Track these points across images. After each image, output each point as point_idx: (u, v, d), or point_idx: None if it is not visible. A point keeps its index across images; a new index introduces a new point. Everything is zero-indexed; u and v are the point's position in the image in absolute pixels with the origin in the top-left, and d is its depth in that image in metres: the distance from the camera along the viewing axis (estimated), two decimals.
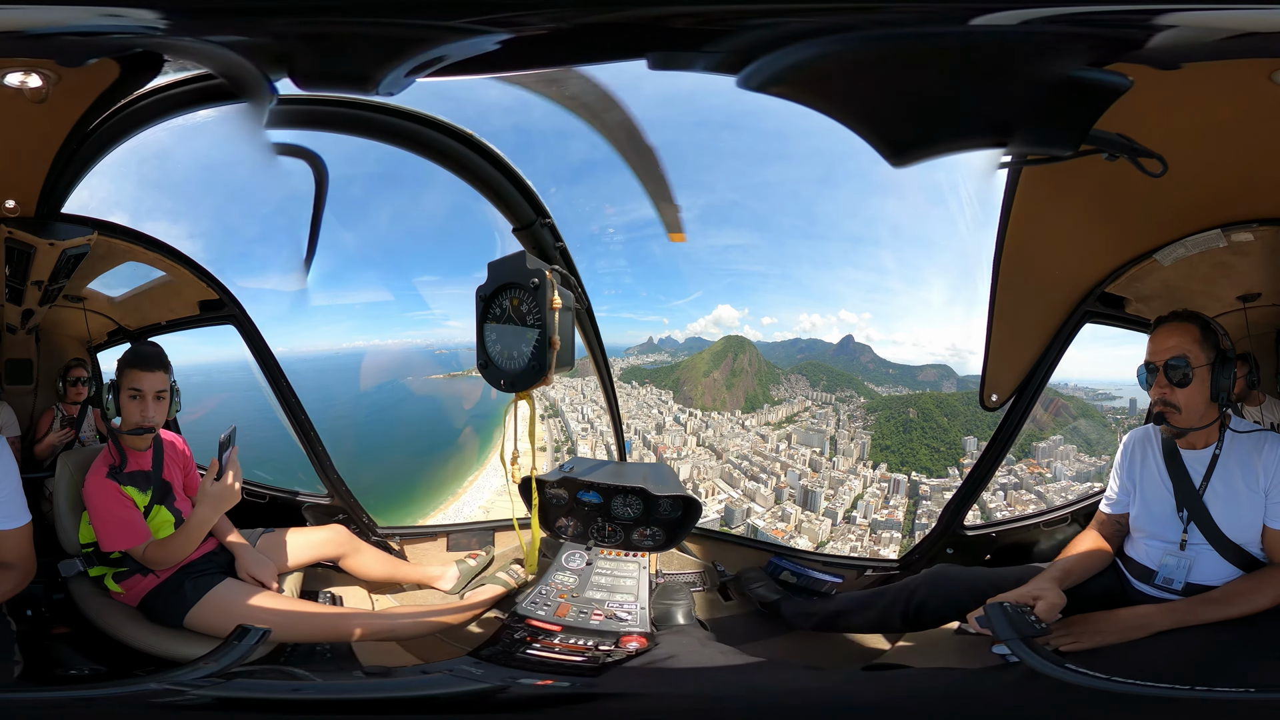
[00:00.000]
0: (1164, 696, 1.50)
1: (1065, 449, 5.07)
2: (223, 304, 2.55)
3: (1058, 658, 1.64)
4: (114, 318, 2.60)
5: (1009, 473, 4.95)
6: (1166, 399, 1.84)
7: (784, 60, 1.42)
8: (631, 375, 7.62)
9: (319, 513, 2.76)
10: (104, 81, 1.69)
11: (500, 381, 1.61)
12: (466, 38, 1.42)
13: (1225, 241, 2.01)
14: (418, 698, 1.72)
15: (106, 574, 2.10)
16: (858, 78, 1.51)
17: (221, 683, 1.63)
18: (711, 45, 1.41)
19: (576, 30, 1.43)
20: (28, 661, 1.79)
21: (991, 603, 1.74)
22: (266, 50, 1.47)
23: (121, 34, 1.45)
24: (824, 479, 6.18)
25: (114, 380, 2.11)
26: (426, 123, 2.18)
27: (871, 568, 2.74)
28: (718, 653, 2.03)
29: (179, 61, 1.69)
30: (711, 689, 1.75)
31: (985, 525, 2.79)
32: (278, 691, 1.69)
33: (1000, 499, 4.83)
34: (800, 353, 6.97)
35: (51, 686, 1.74)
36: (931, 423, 6.01)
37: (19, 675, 1.72)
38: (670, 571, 2.79)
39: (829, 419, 6.64)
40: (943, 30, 1.42)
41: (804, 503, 6.12)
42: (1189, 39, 1.31)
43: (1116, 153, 1.78)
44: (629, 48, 1.48)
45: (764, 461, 6.64)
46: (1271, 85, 1.41)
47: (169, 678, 1.63)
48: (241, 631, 1.79)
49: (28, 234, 2.09)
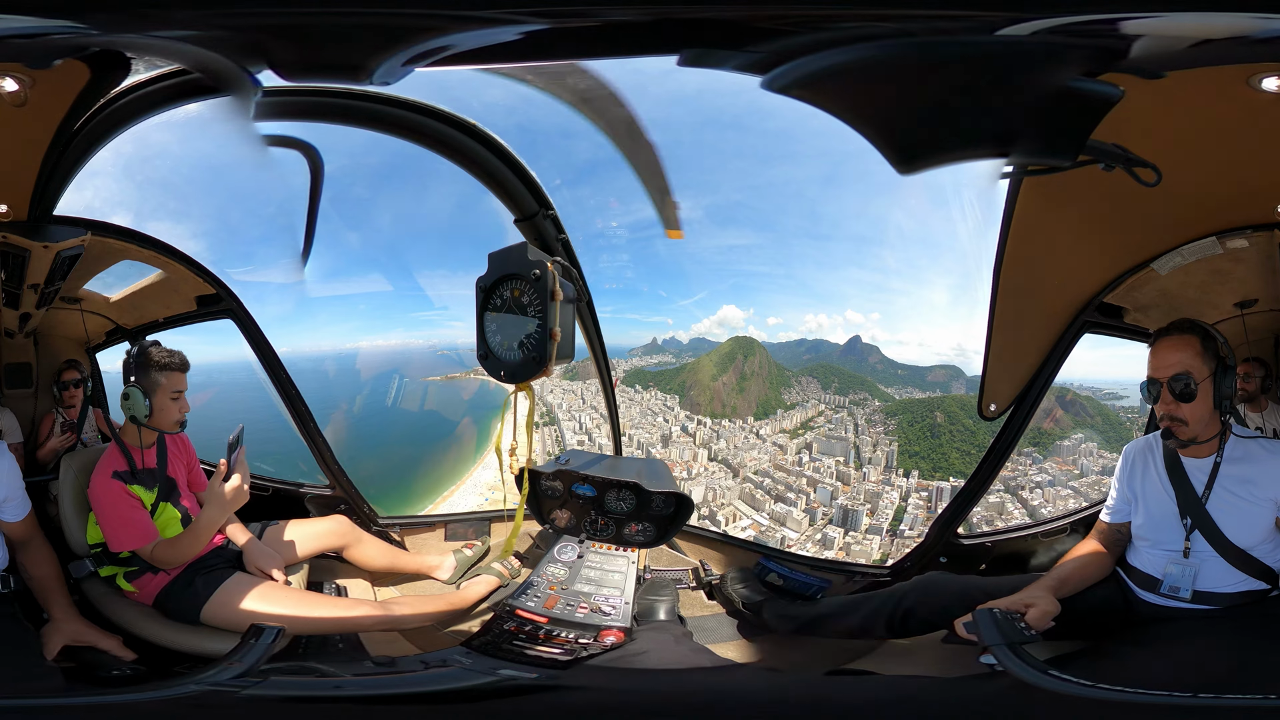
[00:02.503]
0: (1158, 705, 1.49)
1: (1088, 446, 4.97)
2: (219, 298, 2.55)
3: (1044, 665, 1.63)
4: (112, 317, 2.61)
5: (1040, 471, 4.87)
6: (1173, 414, 1.84)
7: (813, 65, 1.44)
8: (635, 378, 7.26)
9: (321, 504, 2.84)
10: (79, 82, 1.70)
11: (500, 372, 1.61)
12: (481, 28, 1.42)
13: (1221, 249, 1.99)
14: (425, 692, 1.77)
15: (118, 573, 2.13)
16: (876, 85, 1.53)
17: (258, 681, 1.67)
18: (754, 46, 1.43)
19: (606, 25, 1.44)
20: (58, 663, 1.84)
21: (981, 609, 1.74)
22: (232, 43, 1.47)
23: (62, 34, 1.45)
24: (858, 492, 5.73)
25: (144, 382, 2.14)
26: (429, 113, 2.16)
27: (861, 573, 2.74)
28: (689, 651, 2.04)
29: (150, 59, 1.68)
30: (673, 687, 1.77)
31: (980, 535, 2.77)
32: (318, 689, 1.76)
33: (1039, 496, 4.77)
34: (807, 353, 6.82)
35: (91, 691, 1.78)
36: (958, 425, 5.81)
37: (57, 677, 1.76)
38: (659, 568, 2.81)
39: (846, 424, 6.32)
40: (957, 41, 1.44)
41: (843, 522, 5.59)
42: (1160, 48, 1.31)
43: (1112, 163, 1.78)
44: (661, 44, 1.50)
45: (788, 478, 6.07)
46: (1250, 90, 1.40)
47: (206, 678, 1.67)
48: (258, 629, 1.84)
49: (21, 238, 2.09)
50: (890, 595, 2.16)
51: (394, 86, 1.69)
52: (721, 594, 2.63)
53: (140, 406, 2.14)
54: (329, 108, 2.06)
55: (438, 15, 1.42)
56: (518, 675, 1.82)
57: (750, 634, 2.43)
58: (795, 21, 1.41)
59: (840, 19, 1.42)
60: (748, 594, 2.52)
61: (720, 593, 2.64)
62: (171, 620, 2.09)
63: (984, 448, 2.66)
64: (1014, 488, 4.85)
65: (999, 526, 2.98)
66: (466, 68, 1.65)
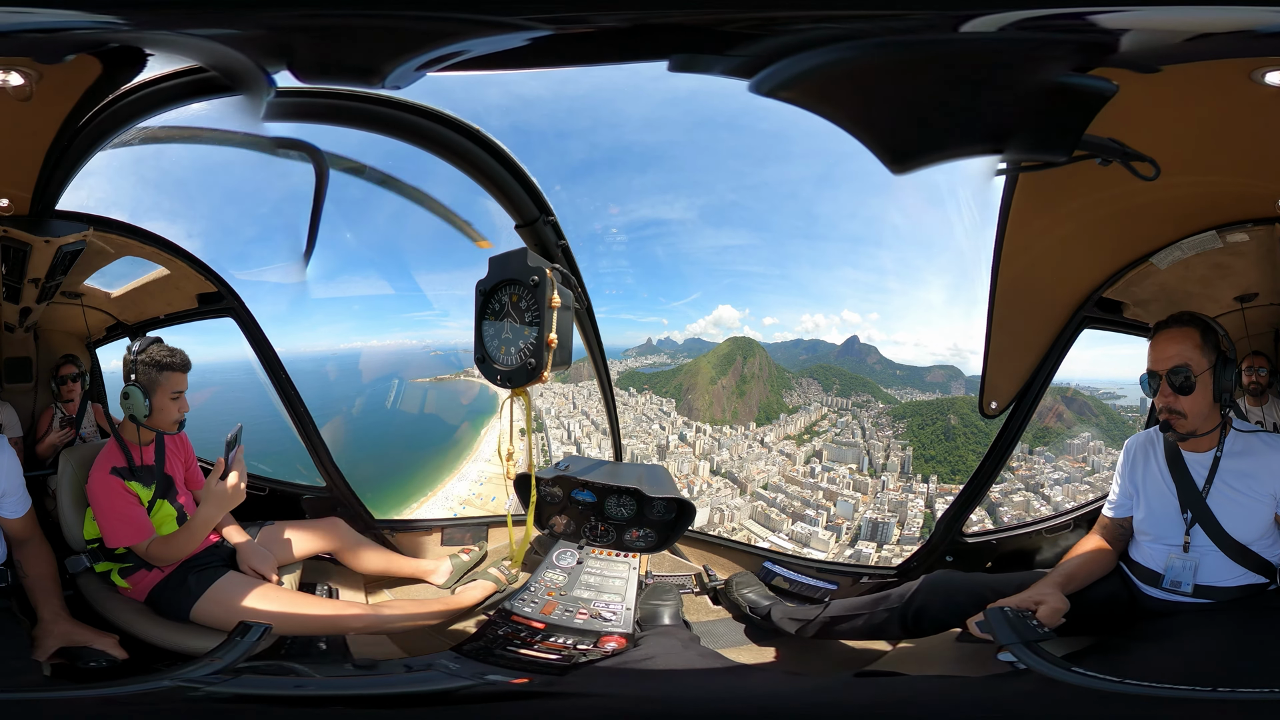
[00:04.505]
0: (1182, 698, 1.48)
1: (1095, 443, 4.96)
2: (220, 296, 2.55)
3: (1065, 662, 1.63)
4: (112, 313, 2.61)
5: (1055, 469, 4.86)
6: (1171, 406, 1.85)
7: (797, 66, 1.45)
8: (629, 381, 7.00)
9: (317, 505, 2.81)
10: (88, 78, 1.69)
11: (496, 377, 1.61)
12: (495, 33, 1.43)
13: (1221, 242, 2.00)
14: (398, 694, 1.75)
15: (112, 569, 2.12)
16: (863, 85, 1.54)
17: (229, 679, 1.67)
18: (731, 51, 1.44)
19: (600, 31, 1.46)
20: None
21: (992, 608, 1.74)
22: (263, 43, 1.48)
23: (87, 29, 1.45)
24: (882, 502, 5.41)
25: (144, 381, 2.13)
26: (431, 116, 2.15)
27: (868, 575, 2.71)
28: (697, 655, 2.00)
29: (166, 55, 1.68)
30: (684, 692, 1.74)
31: (986, 532, 2.75)
32: (281, 688, 1.73)
33: (1059, 492, 4.76)
34: (804, 354, 6.74)
35: (72, 685, 1.78)
36: (972, 427, 5.69)
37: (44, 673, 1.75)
38: (661, 573, 2.78)
39: (853, 429, 6.13)
40: (939, 38, 1.44)
41: (873, 536, 5.28)
42: (1155, 42, 1.32)
43: (1109, 157, 1.79)
44: (649, 50, 1.51)
45: (802, 491, 5.62)
46: (1252, 85, 1.41)
47: (181, 674, 1.67)
48: (244, 627, 1.83)
49: (23, 232, 2.09)
50: (901, 595, 2.13)
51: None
52: (727, 598, 2.60)
53: (140, 406, 2.14)
54: (331, 109, 2.05)
55: (456, 20, 1.43)
56: (505, 680, 1.79)
57: (759, 638, 2.39)
58: (755, 24, 1.42)
59: (795, 20, 1.43)
60: (755, 598, 2.49)
61: (725, 597, 2.61)
62: (162, 617, 2.07)
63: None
64: (1034, 485, 4.84)
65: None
66: (474, 73, 1.65)
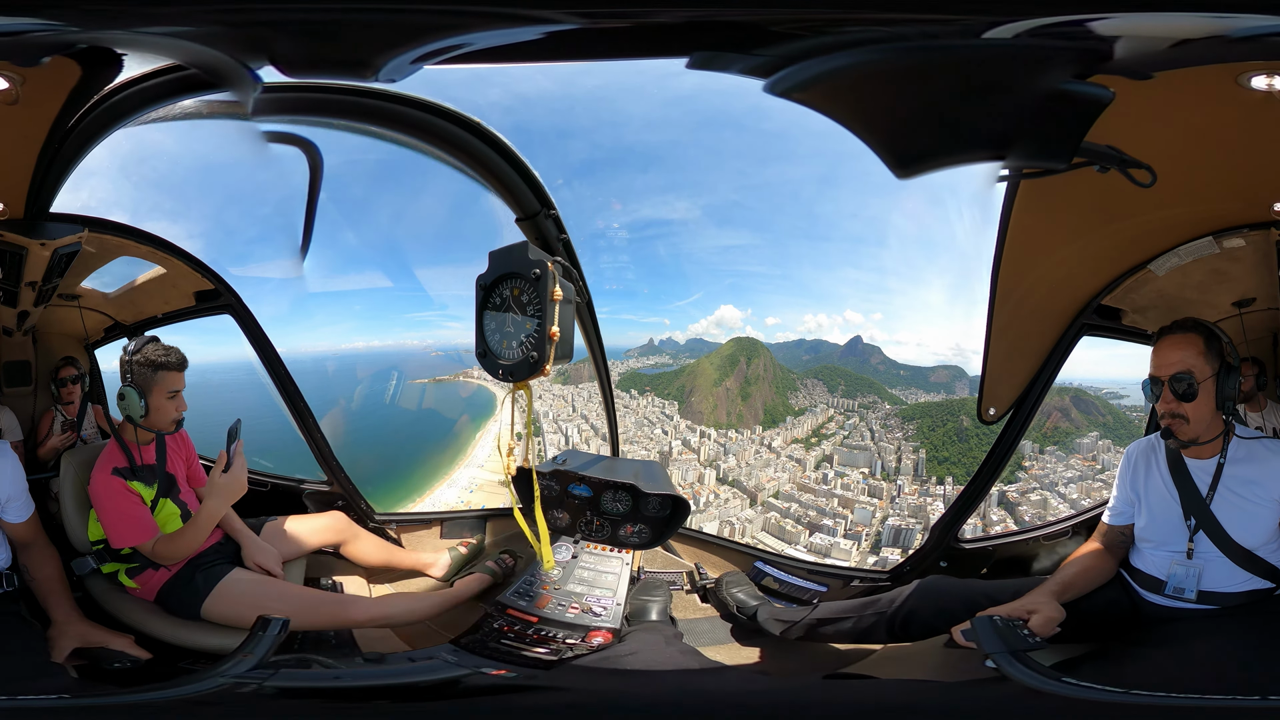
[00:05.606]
0: (1168, 707, 1.47)
1: (1105, 443, 4.92)
2: (218, 294, 2.53)
3: (1052, 671, 1.61)
4: (110, 313, 2.60)
5: (1068, 468, 4.83)
6: (1174, 412, 1.83)
7: (818, 68, 1.45)
8: (630, 382, 6.86)
9: (319, 499, 2.86)
10: (70, 79, 1.67)
11: (498, 371, 1.61)
12: (504, 26, 1.40)
13: (1218, 248, 1.98)
14: (403, 685, 1.79)
15: (119, 570, 2.14)
16: (877, 89, 1.54)
17: (272, 674, 1.68)
18: (761, 50, 1.43)
19: (639, 26, 1.45)
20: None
21: (980, 616, 1.72)
22: (232, 38, 1.45)
23: (42, 31, 1.43)
24: (901, 507, 5.31)
25: (140, 381, 2.12)
26: (432, 110, 2.13)
27: (859, 578, 2.71)
28: (678, 653, 2.01)
29: (139, 55, 1.66)
30: (661, 689, 1.75)
31: (982, 539, 2.73)
32: (321, 680, 1.79)
33: (1074, 490, 4.75)
34: (807, 354, 6.70)
35: (100, 690, 1.78)
36: (984, 429, 5.60)
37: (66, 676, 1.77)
38: (653, 570, 2.80)
39: (862, 431, 5.98)
40: (959, 43, 1.44)
41: (895, 542, 5.15)
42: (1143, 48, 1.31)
43: (1107, 165, 1.79)
44: (681, 45, 1.49)
45: (816, 499, 5.43)
46: (1241, 89, 1.40)
47: (226, 672, 1.67)
48: (264, 622, 1.84)
49: (18, 236, 2.07)
50: (890, 600, 2.12)
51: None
52: (716, 597, 2.61)
53: (136, 406, 2.13)
54: (328, 104, 2.03)
55: (458, 12, 1.40)
56: (496, 673, 1.82)
57: (743, 637, 2.40)
58: (804, 25, 1.42)
59: (846, 22, 1.43)
60: (743, 597, 2.49)
61: (715, 596, 2.62)
62: (173, 616, 2.10)
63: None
64: (1049, 484, 4.80)
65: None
66: (479, 66, 1.61)
